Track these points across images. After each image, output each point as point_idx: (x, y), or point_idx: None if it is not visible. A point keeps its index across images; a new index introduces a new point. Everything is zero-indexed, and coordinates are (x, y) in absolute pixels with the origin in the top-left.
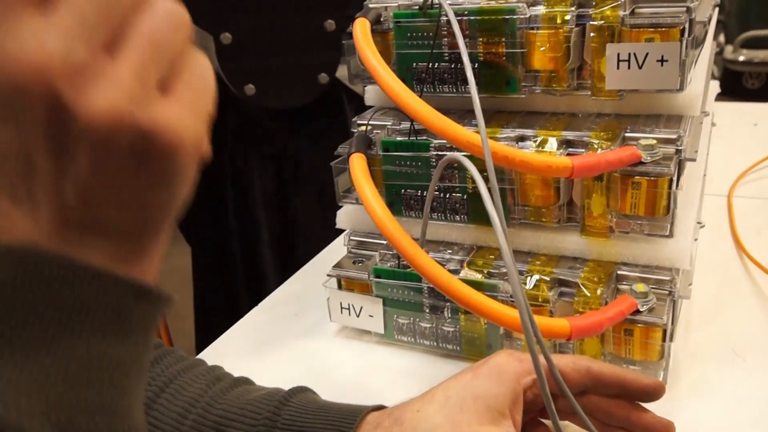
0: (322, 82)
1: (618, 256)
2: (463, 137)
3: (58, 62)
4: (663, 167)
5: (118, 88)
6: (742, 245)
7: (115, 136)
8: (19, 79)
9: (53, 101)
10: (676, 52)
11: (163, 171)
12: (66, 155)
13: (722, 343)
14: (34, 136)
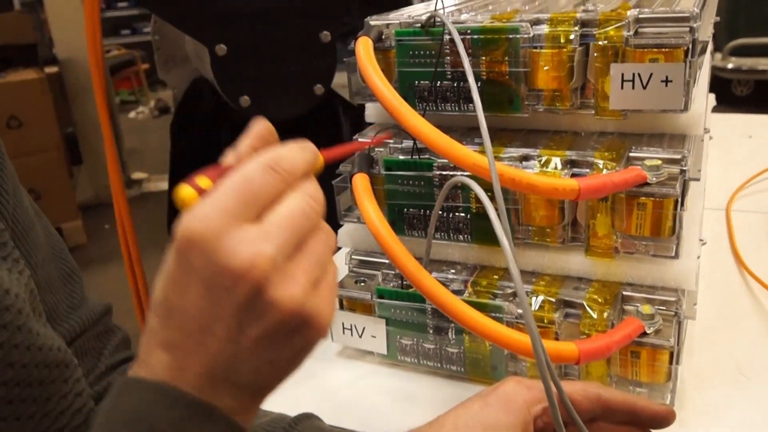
0: (318, 92)
1: (623, 276)
2: (469, 160)
3: (267, 262)
4: (669, 188)
5: (298, 285)
6: (742, 261)
7: (288, 318)
8: (236, 270)
9: (255, 289)
10: (680, 73)
11: (306, 344)
12: (243, 328)
13: (727, 363)
14: (226, 310)
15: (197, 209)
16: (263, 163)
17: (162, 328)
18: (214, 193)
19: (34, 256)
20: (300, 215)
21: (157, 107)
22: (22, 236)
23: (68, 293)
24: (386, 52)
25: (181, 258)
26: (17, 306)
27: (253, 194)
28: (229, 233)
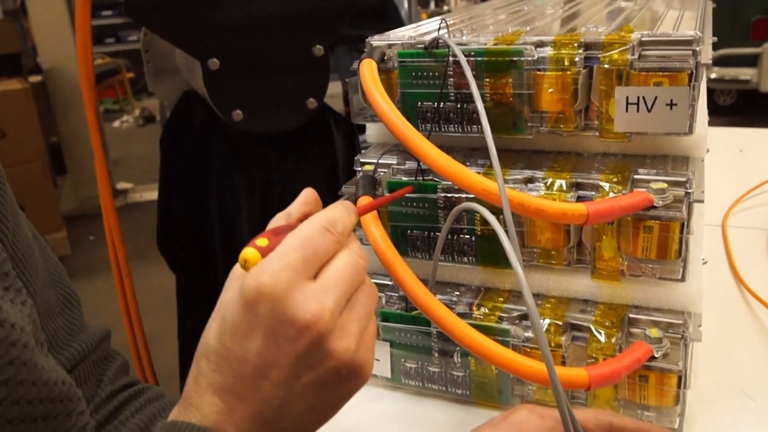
0: (311, 106)
1: (628, 299)
2: (478, 185)
3: (329, 316)
4: (675, 211)
5: (352, 337)
6: (742, 279)
7: (341, 367)
8: (301, 322)
9: (316, 340)
10: (685, 96)
11: (350, 391)
12: (298, 375)
13: (731, 385)
14: (285, 358)
15: (266, 265)
16: (320, 225)
17: (215, 372)
18: (280, 251)
19: (34, 282)
20: (351, 271)
21: (142, 116)
22: (22, 262)
23: (67, 319)
24: (388, 73)
25: (249, 308)
26: (23, 340)
27: (314, 253)
28: (296, 288)
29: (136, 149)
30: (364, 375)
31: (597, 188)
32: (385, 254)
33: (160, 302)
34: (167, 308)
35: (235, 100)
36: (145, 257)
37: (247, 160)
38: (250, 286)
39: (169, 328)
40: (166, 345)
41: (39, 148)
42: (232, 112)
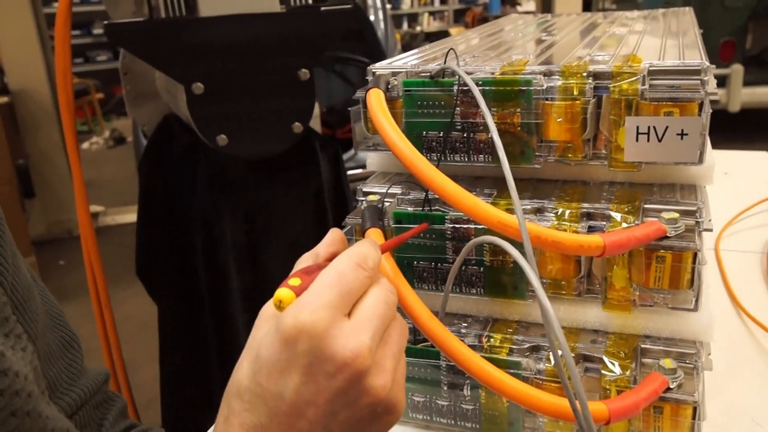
0: (297, 131)
1: (640, 329)
2: (494, 218)
3: (368, 353)
4: (689, 242)
5: (388, 374)
6: (740, 304)
7: (377, 404)
8: (341, 359)
9: (355, 377)
10: (697, 126)
11: (382, 429)
12: (335, 413)
13: (740, 412)
14: (322, 396)
15: (303, 303)
16: (353, 261)
17: (248, 412)
18: (315, 289)
19: (34, 327)
20: (384, 307)
21: (112, 138)
22: (22, 306)
23: (68, 363)
24: (392, 102)
25: (288, 346)
26: (27, 389)
27: (348, 289)
28: (335, 325)
29: (107, 171)
30: (397, 413)
31: (608, 218)
32: (399, 288)
33: (135, 329)
34: (142, 335)
35: (220, 124)
36: (117, 282)
37: (230, 184)
38: (289, 324)
39: (143, 356)
40: (141, 373)
41: (7, 170)
42: (217, 136)
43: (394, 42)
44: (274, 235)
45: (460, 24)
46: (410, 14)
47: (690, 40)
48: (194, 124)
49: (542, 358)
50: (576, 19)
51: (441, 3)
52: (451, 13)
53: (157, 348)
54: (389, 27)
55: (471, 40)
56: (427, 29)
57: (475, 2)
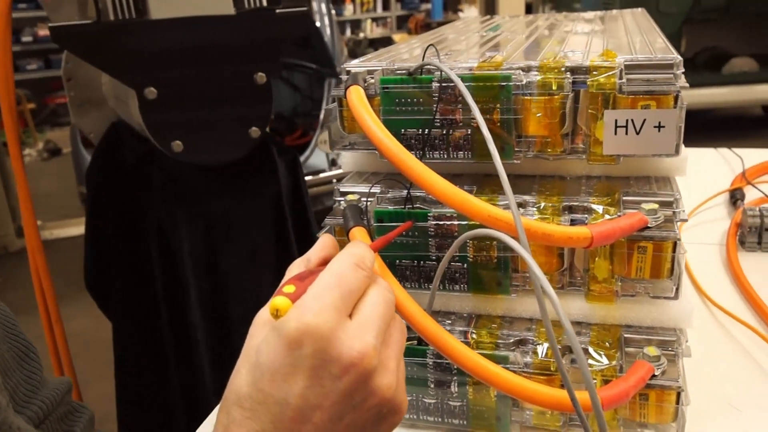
0: (254, 136)
1: (622, 319)
2: (484, 212)
3: (374, 353)
4: (669, 231)
5: (393, 374)
6: (705, 293)
7: (382, 405)
8: (347, 360)
9: (362, 378)
10: (674, 118)
11: (387, 428)
12: (341, 416)
13: (717, 397)
14: (329, 399)
15: (305, 306)
16: (351, 261)
17: (250, 420)
18: (315, 293)
19: None
20: (384, 306)
21: (46, 149)
22: None
23: (27, 374)
24: (369, 100)
25: (292, 350)
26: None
27: (349, 290)
28: (339, 326)
29: (43, 185)
30: (401, 412)
31: (589, 211)
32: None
33: (79, 347)
34: (89, 353)
35: (175, 130)
36: (59, 299)
37: (187, 192)
38: (292, 327)
39: (91, 375)
40: (90, 391)
41: None
42: (172, 143)
43: (341, 48)
44: (233, 243)
45: (403, 30)
46: (353, 20)
47: (654, 37)
48: (148, 130)
49: (528, 351)
50: (536, 19)
51: (384, 9)
52: (394, 20)
53: (104, 365)
54: (335, 33)
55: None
56: (371, 35)
57: (417, 9)
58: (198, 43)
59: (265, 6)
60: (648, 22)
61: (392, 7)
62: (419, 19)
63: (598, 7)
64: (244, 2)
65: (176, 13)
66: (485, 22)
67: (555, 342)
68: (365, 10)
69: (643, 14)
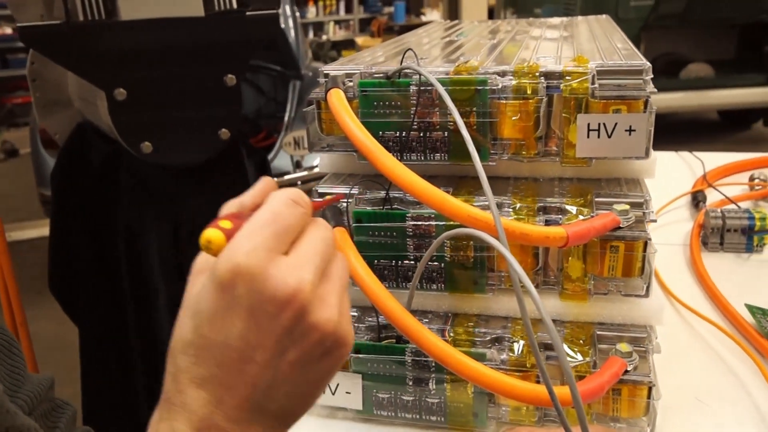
0: (224, 137)
1: (595, 316)
2: (463, 212)
3: (309, 289)
4: (640, 231)
5: (332, 308)
6: (671, 292)
7: (324, 339)
8: (281, 297)
9: (298, 314)
10: (643, 122)
11: (334, 365)
12: (283, 353)
13: (685, 392)
14: (269, 337)
15: (237, 246)
16: (288, 198)
17: (195, 365)
18: (248, 231)
19: None
20: (323, 244)
21: (3, 150)
22: None
23: (9, 369)
24: (348, 102)
25: (226, 292)
26: None
27: (284, 227)
28: (272, 264)
29: (0, 186)
30: (347, 345)
31: (563, 211)
32: (370, 285)
33: (40, 350)
34: (49, 356)
35: (144, 131)
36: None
37: (155, 194)
38: (224, 268)
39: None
40: None
41: None
42: (141, 144)
43: (305, 50)
44: None
45: (365, 33)
46: (316, 23)
47: (622, 44)
48: (117, 131)
49: (505, 348)
50: (502, 25)
51: (346, 12)
52: (356, 23)
53: (64, 369)
54: (299, 35)
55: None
56: (334, 38)
57: (380, 12)
58: (168, 45)
59: (234, 8)
60: (614, 29)
61: (355, 9)
62: (382, 22)
63: (558, 13)
64: (214, 4)
65: (146, 15)
66: (452, 27)
67: (534, 338)
68: (328, 13)
69: (608, 21)
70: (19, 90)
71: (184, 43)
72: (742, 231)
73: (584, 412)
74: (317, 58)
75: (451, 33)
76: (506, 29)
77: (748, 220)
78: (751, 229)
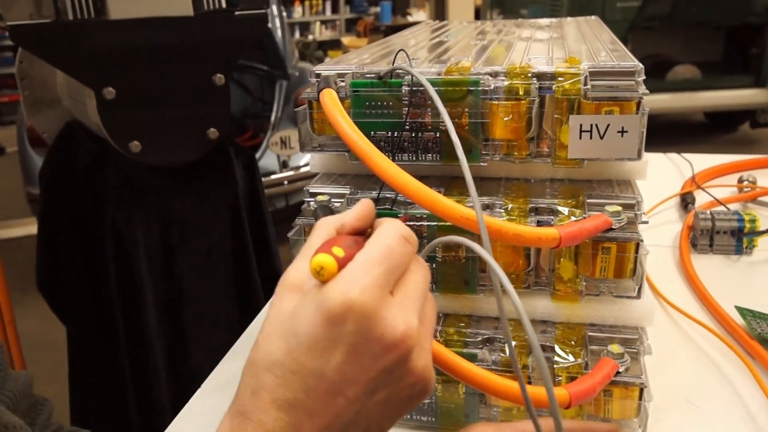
0: (212, 137)
1: (586, 318)
2: (456, 212)
3: (416, 334)
4: (633, 233)
5: (428, 353)
6: (660, 294)
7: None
8: (390, 340)
9: (402, 358)
10: (636, 124)
11: (414, 405)
12: (375, 391)
13: (675, 394)
14: (366, 375)
15: (353, 279)
16: (401, 235)
17: (282, 387)
18: (364, 265)
19: None
20: (424, 284)
21: None
22: None
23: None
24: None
25: (334, 324)
26: None
27: (395, 266)
28: (383, 305)
29: None
30: (430, 390)
31: (555, 213)
32: None
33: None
34: (34, 354)
35: (133, 130)
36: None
37: (143, 193)
38: (338, 301)
39: (38, 377)
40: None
41: None
42: (130, 143)
43: (292, 50)
44: (189, 243)
45: (351, 33)
46: (302, 23)
47: (612, 45)
48: (105, 130)
49: (496, 349)
50: (491, 26)
51: (333, 12)
52: (342, 23)
53: (51, 367)
54: (286, 35)
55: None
56: (320, 38)
57: (366, 12)
58: (157, 44)
59: (223, 8)
60: (604, 30)
61: (341, 10)
62: (368, 23)
63: (545, 14)
64: (203, 3)
65: (135, 14)
66: (440, 28)
67: (510, 338)
68: (314, 13)
69: (598, 21)
70: (5, 88)
71: (173, 43)
72: (732, 233)
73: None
74: (303, 57)
75: (440, 34)
76: (495, 30)
77: (738, 222)
78: (740, 231)
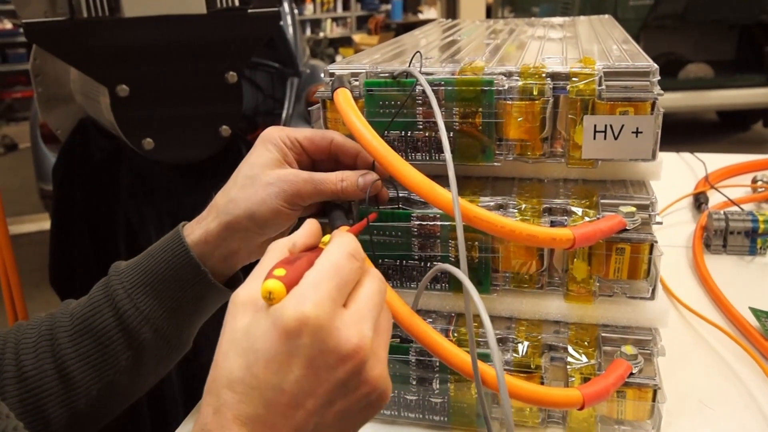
0: (224, 134)
1: (599, 318)
2: (470, 212)
3: (369, 345)
4: (646, 234)
5: (382, 363)
6: (674, 295)
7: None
8: (344, 352)
9: (357, 369)
10: (650, 125)
11: (372, 414)
12: (332, 402)
13: (689, 396)
14: (323, 387)
15: (304, 295)
16: (347, 251)
17: (243, 403)
18: (313, 281)
19: None
20: (378, 297)
21: (3, 144)
22: None
23: None
24: None
25: (290, 338)
26: None
27: (345, 281)
28: (337, 317)
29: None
30: (387, 399)
31: (568, 213)
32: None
33: None
34: None
35: (146, 127)
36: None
37: (155, 190)
38: (292, 317)
39: None
40: None
41: None
42: (143, 140)
43: (303, 47)
44: None
45: (363, 31)
46: (313, 20)
47: (626, 45)
48: (119, 127)
49: (509, 349)
50: (504, 25)
51: (344, 9)
52: (354, 20)
53: None
54: (297, 32)
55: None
56: (331, 35)
57: (377, 9)
58: (170, 42)
59: (237, 6)
60: (617, 29)
61: (352, 7)
62: (379, 20)
63: (556, 12)
64: (216, 1)
65: (149, 12)
66: (452, 27)
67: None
68: (325, 10)
69: (611, 20)
70: (18, 85)
71: (187, 40)
72: (746, 233)
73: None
74: (314, 55)
75: (452, 33)
76: (507, 29)
77: (752, 222)
78: (754, 232)
